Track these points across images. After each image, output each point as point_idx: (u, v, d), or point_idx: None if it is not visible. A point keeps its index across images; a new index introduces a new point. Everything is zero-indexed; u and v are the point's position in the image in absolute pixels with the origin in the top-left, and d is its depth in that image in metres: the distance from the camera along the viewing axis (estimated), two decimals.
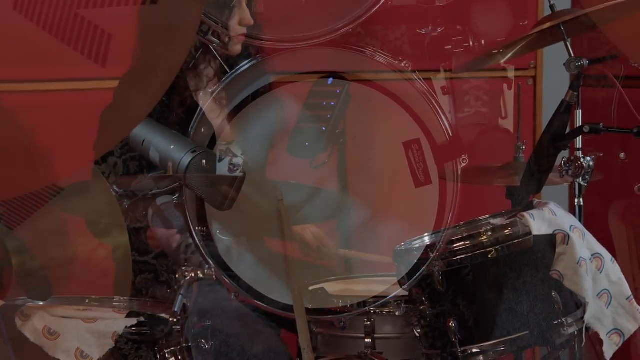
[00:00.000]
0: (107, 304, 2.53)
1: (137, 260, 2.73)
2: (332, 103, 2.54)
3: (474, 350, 2.60)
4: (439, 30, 2.83)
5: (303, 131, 2.52)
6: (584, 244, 2.68)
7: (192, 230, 2.43)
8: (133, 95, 2.10)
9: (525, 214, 2.62)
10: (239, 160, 2.37)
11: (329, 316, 2.54)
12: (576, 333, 2.65)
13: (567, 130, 2.65)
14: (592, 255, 2.69)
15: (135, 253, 2.63)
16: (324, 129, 2.57)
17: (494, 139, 2.90)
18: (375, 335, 2.65)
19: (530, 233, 2.60)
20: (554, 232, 2.63)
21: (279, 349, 2.66)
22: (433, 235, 2.59)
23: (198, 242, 2.42)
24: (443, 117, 2.38)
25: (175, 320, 2.50)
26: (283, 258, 2.37)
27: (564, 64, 2.67)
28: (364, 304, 2.59)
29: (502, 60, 2.79)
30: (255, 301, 2.51)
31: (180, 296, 2.52)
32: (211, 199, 2.31)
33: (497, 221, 2.64)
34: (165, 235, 2.72)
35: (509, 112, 2.83)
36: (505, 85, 2.85)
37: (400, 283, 2.59)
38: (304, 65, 2.43)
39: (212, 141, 2.41)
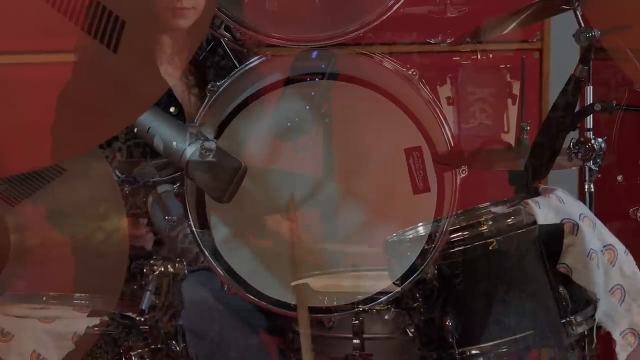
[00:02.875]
0: (67, 302, 2.50)
1: (134, 246, 2.76)
2: (317, 79, 2.52)
3: (473, 352, 2.57)
4: (448, 40, 2.96)
5: (284, 111, 2.52)
6: (595, 234, 2.64)
7: (190, 220, 2.49)
8: (142, 81, 2.18)
9: (529, 201, 2.60)
10: (211, 145, 2.37)
11: (319, 315, 2.56)
12: (586, 332, 2.63)
13: (577, 109, 2.59)
14: (603, 246, 2.65)
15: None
16: (307, 107, 2.54)
17: (494, 152, 2.96)
18: (364, 336, 2.60)
19: (535, 222, 2.58)
20: (561, 221, 2.61)
21: (258, 352, 2.67)
22: (428, 225, 2.56)
23: (195, 232, 2.50)
24: (446, 126, 2.47)
25: (142, 319, 2.50)
26: (288, 255, 2.50)
27: (574, 35, 2.65)
28: (353, 304, 2.58)
29: (506, 31, 2.79)
30: (248, 295, 2.52)
31: (148, 292, 2.51)
32: (211, 191, 2.36)
33: (499, 209, 2.61)
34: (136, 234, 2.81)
35: (512, 120, 2.96)
36: (509, 100, 2.92)
37: (398, 280, 2.57)
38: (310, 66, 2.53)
39: (217, 133, 2.47)
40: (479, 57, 2.94)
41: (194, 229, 2.50)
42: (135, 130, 2.47)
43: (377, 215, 2.51)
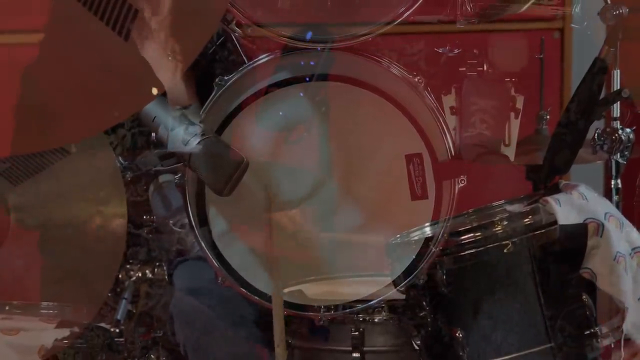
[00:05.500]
0: (33, 312, 2.48)
1: (132, 233, 2.86)
2: (312, 63, 2.52)
3: None
4: (456, 51, 3.03)
5: (276, 98, 2.51)
6: (622, 235, 2.57)
7: (189, 212, 2.55)
8: (151, 71, 2.28)
9: (549, 198, 2.53)
10: (196, 129, 2.41)
11: (309, 313, 2.55)
12: (613, 345, 2.57)
13: (602, 95, 2.55)
14: (632, 249, 2.58)
15: (130, 225, 2.81)
16: (301, 94, 2.51)
17: (492, 162, 2.94)
18: (365, 348, 2.58)
19: (555, 222, 2.51)
20: (584, 220, 2.53)
21: (246, 345, 2.67)
22: (435, 227, 2.52)
23: (193, 223, 2.55)
24: (448, 135, 2.54)
25: (117, 330, 2.53)
26: (267, 256, 2.55)
27: (599, 13, 2.58)
28: (350, 308, 2.56)
29: (524, 9, 2.77)
30: (241, 289, 2.56)
31: (123, 301, 2.55)
32: (212, 184, 2.42)
33: (515, 208, 2.58)
34: None
35: (514, 133, 2.91)
36: (512, 114, 2.87)
37: (395, 283, 2.53)
38: (318, 66, 2.57)
39: (221, 127, 2.52)
40: (485, 68, 2.96)
41: (192, 220, 2.54)
42: (140, 118, 2.54)
43: (373, 218, 2.55)
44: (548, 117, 2.92)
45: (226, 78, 2.52)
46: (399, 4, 2.51)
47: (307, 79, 2.50)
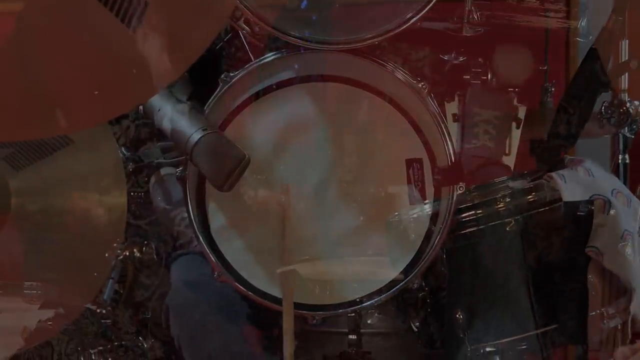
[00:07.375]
0: (15, 292, 2.48)
1: (131, 223, 2.98)
2: (307, 33, 2.50)
3: (489, 350, 2.52)
4: (461, 59, 3.06)
5: (280, 96, 2.54)
6: (630, 212, 2.55)
7: (189, 205, 2.59)
8: (159, 62, 2.29)
9: (553, 174, 2.53)
10: (184, 107, 2.44)
11: (303, 312, 2.54)
12: (619, 327, 2.56)
13: (609, 67, 2.57)
14: None
15: (130, 215, 2.90)
16: (296, 66, 2.53)
17: (493, 173, 2.93)
18: (362, 330, 2.60)
19: (559, 199, 2.51)
20: (590, 197, 2.53)
21: (239, 340, 2.66)
22: (436, 204, 2.52)
23: (192, 217, 2.59)
24: (449, 141, 2.57)
25: (104, 311, 2.55)
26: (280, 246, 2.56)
27: None
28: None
29: None
30: (237, 284, 2.59)
31: (110, 280, 2.57)
32: (213, 179, 2.46)
33: (518, 184, 2.57)
34: None
35: (514, 143, 2.96)
36: (513, 124, 2.92)
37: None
38: (323, 68, 2.61)
39: (224, 123, 2.57)
40: (489, 77, 2.99)
41: (191, 214, 2.58)
42: (145, 109, 2.59)
43: (370, 220, 2.57)
44: (553, 89, 2.89)
45: (232, 74, 2.55)
46: (406, 9, 2.53)
47: (302, 49, 2.49)
